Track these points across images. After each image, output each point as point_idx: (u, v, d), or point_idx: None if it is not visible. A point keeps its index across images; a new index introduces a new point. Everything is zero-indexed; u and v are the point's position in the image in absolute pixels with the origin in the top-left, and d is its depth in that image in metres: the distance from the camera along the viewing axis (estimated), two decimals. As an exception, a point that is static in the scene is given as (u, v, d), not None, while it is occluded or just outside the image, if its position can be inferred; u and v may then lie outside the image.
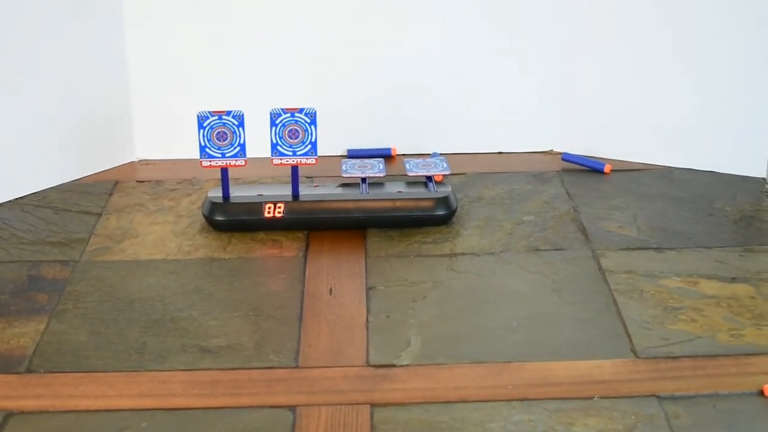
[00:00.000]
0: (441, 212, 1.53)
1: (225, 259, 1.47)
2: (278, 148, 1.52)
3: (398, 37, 1.74)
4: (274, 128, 1.51)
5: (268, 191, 1.56)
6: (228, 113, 1.50)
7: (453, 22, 1.74)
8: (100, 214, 1.59)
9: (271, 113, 1.51)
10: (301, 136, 1.51)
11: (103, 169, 1.73)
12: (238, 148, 1.51)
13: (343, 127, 1.76)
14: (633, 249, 1.47)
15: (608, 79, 1.72)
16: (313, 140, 1.52)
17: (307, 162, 1.53)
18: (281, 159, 1.52)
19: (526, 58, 1.75)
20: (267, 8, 1.72)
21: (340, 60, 1.75)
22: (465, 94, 1.77)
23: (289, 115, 1.51)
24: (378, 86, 1.76)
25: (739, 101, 1.66)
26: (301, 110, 1.51)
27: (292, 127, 1.51)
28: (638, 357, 1.24)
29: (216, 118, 1.50)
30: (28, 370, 1.23)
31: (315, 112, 1.51)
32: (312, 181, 1.63)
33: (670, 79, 1.69)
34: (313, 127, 1.51)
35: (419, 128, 1.77)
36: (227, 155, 1.51)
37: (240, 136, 1.51)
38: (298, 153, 1.52)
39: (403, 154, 1.76)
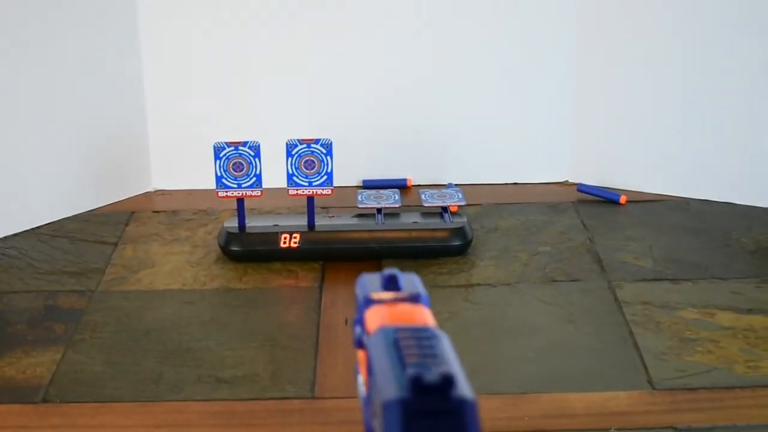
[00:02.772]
0: (456, 243, 1.53)
1: (241, 289, 1.47)
2: (294, 178, 1.52)
3: (413, 68, 1.75)
4: (290, 159, 1.51)
5: (283, 221, 1.56)
6: (244, 144, 1.51)
7: (468, 54, 1.74)
8: (116, 244, 1.59)
9: (287, 144, 1.51)
10: (317, 166, 1.52)
11: (119, 199, 1.73)
12: (255, 179, 1.52)
13: (359, 158, 1.76)
14: (649, 280, 1.47)
15: (623, 110, 1.73)
16: (329, 171, 1.52)
17: (323, 192, 1.53)
18: (297, 189, 1.53)
19: (541, 89, 1.75)
20: (283, 39, 1.73)
21: (356, 91, 1.75)
22: (480, 125, 1.77)
23: (305, 146, 1.51)
24: (393, 117, 1.77)
25: (755, 132, 1.66)
26: (317, 141, 1.51)
27: (308, 158, 1.51)
28: (655, 388, 1.23)
29: (232, 148, 1.51)
30: (45, 400, 1.23)
31: (331, 142, 1.51)
32: (327, 212, 1.63)
33: (685, 109, 1.69)
34: (329, 157, 1.51)
35: (434, 159, 1.78)
36: (243, 186, 1.52)
37: (256, 167, 1.51)
38: (313, 184, 1.52)
39: (419, 185, 1.77)
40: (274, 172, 1.59)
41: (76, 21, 1.63)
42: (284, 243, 1.52)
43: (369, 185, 1.75)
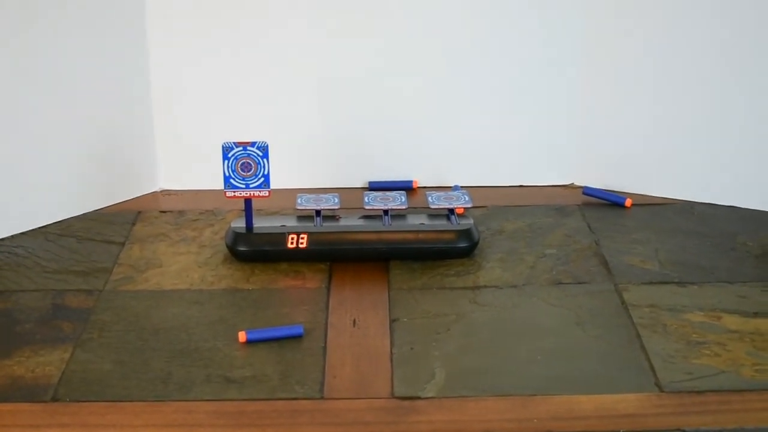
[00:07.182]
0: (463, 244, 1.54)
1: (248, 289, 1.47)
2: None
3: (419, 70, 1.75)
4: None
5: (291, 222, 1.56)
6: (253, 144, 1.51)
7: (474, 56, 1.74)
8: (123, 244, 1.59)
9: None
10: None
11: (126, 199, 1.73)
12: (263, 179, 1.52)
13: (365, 160, 1.77)
14: (655, 283, 1.47)
15: (629, 113, 1.73)
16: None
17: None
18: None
19: (547, 92, 1.76)
20: (290, 41, 1.73)
21: (362, 92, 1.75)
22: (486, 128, 1.77)
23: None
24: (399, 119, 1.77)
25: (761, 136, 1.66)
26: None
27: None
28: (663, 391, 1.24)
29: (240, 149, 1.51)
30: (54, 399, 1.24)
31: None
32: (335, 214, 1.63)
33: (691, 113, 1.69)
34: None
35: (440, 161, 1.78)
36: (251, 186, 1.52)
37: (264, 167, 1.51)
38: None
39: (424, 187, 1.77)
40: (281, 173, 1.59)
41: (84, 20, 1.63)
42: (292, 243, 1.52)
43: (375, 187, 1.76)
